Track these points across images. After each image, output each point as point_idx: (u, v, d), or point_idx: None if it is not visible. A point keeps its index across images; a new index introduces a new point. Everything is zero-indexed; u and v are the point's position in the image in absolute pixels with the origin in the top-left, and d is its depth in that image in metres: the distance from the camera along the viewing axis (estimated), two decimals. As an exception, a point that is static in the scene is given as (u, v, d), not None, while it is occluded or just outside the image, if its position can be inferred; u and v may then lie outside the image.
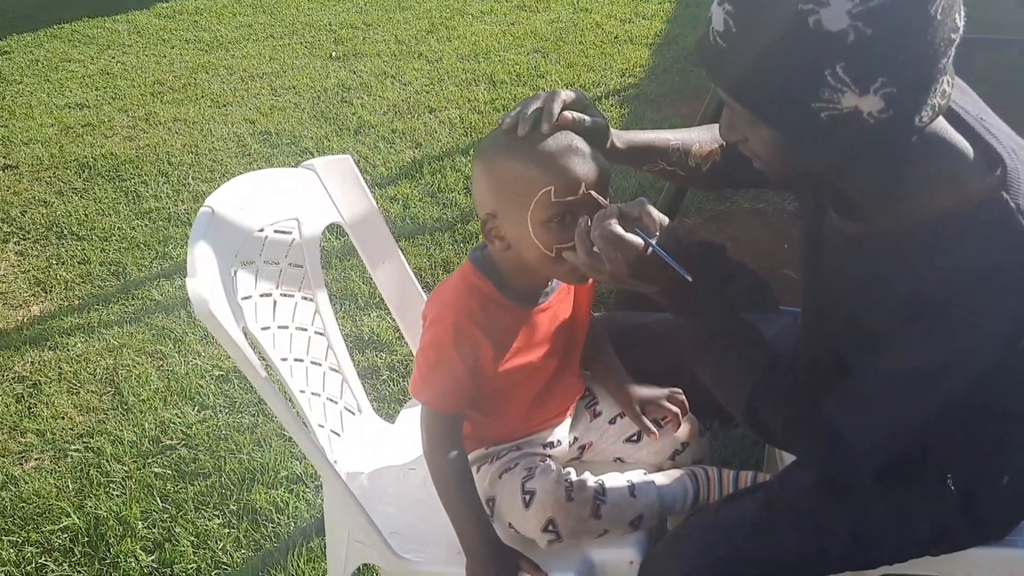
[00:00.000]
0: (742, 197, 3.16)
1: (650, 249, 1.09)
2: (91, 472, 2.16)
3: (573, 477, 1.30)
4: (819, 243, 1.21)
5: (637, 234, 1.09)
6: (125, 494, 2.09)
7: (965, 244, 1.00)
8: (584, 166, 1.15)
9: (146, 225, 3.24)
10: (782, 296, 2.33)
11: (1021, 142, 1.09)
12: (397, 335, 2.46)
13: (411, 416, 1.64)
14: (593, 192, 1.15)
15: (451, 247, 2.95)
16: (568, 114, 1.18)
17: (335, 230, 1.59)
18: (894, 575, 1.30)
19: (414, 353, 1.37)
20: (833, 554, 1.24)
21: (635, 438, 1.42)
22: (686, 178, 1.40)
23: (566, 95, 1.19)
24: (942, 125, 1.04)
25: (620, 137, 1.30)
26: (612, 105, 4.03)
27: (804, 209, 1.28)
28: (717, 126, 1.13)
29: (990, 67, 3.75)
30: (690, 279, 1.09)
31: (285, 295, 1.47)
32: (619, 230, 1.08)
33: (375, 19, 5.33)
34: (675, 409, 1.40)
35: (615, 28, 4.99)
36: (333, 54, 4.81)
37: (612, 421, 1.44)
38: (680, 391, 1.43)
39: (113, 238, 3.17)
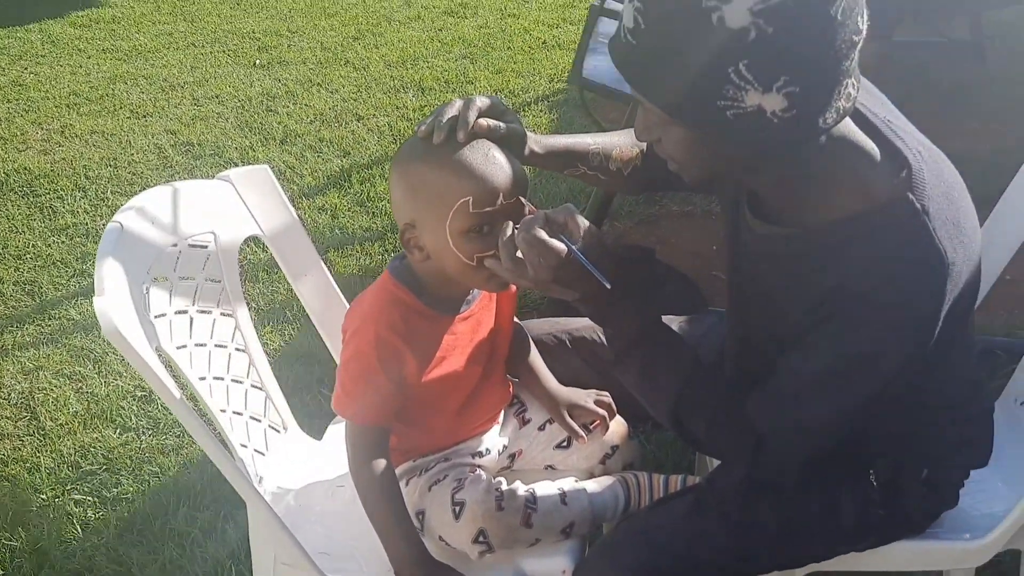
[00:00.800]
0: (671, 200, 3.18)
1: (572, 255, 1.09)
2: (6, 502, 2.06)
3: (503, 486, 1.28)
4: (738, 244, 1.23)
5: (561, 240, 1.09)
6: (43, 523, 2.00)
7: (873, 246, 1.02)
8: (501, 175, 1.14)
9: (62, 242, 3.13)
10: (711, 297, 2.35)
11: (927, 143, 1.11)
12: (326, 350, 2.41)
13: (339, 432, 1.60)
14: (523, 198, 1.15)
15: (381, 257, 2.91)
16: (484, 121, 1.16)
17: (261, 243, 1.55)
18: (820, 571, 1.32)
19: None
20: (761, 552, 1.25)
21: (565, 444, 1.42)
22: (608, 182, 1.40)
23: (481, 102, 1.18)
24: (849, 127, 1.06)
25: (539, 142, 1.29)
26: (541, 110, 4.03)
27: (724, 210, 1.29)
28: None
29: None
30: (608, 286, 1.09)
31: (202, 311, 1.43)
32: (544, 235, 1.08)
33: (300, 26, 5.25)
34: (602, 412, 1.40)
35: (543, 33, 5.00)
36: (257, 62, 4.72)
37: (541, 428, 1.43)
38: (607, 394, 1.42)
39: (27, 256, 3.05)
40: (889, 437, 1.20)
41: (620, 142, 1.38)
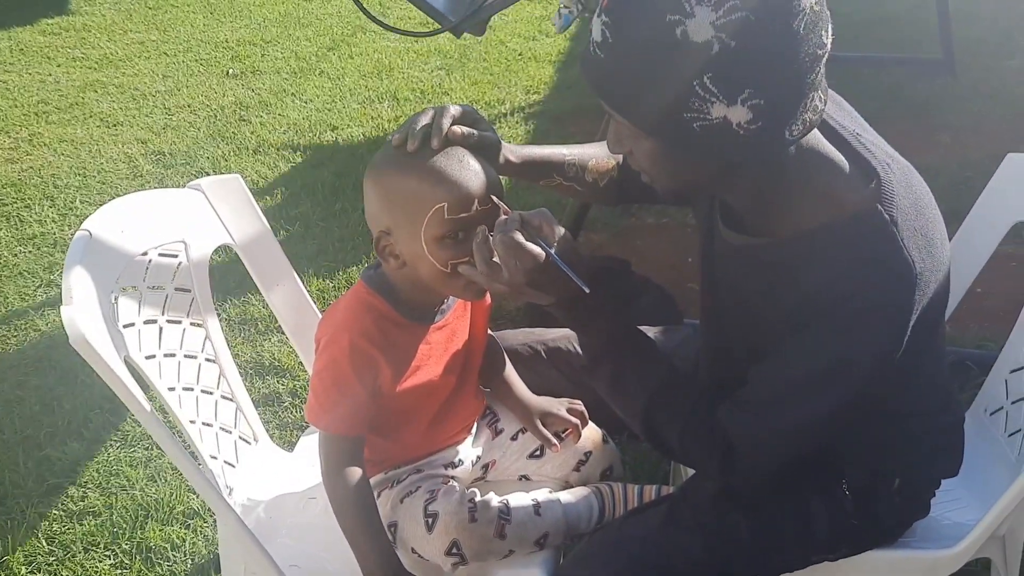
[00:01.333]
0: (647, 212, 3.20)
1: (549, 259, 1.09)
2: (-32, 517, 2.01)
3: (477, 497, 1.27)
4: (712, 255, 1.23)
5: (537, 243, 1.09)
6: (6, 538, 1.95)
7: (843, 256, 1.03)
8: (476, 181, 1.14)
9: (29, 252, 3.08)
10: (686, 309, 2.35)
11: (896, 155, 1.13)
12: (299, 360, 2.39)
13: (311, 443, 1.59)
14: (495, 198, 1.15)
15: (355, 268, 2.89)
16: (457, 128, 1.16)
17: (234, 253, 1.53)
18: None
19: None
20: (735, 562, 1.25)
21: (538, 453, 1.41)
22: (584, 193, 1.40)
23: (455, 110, 1.18)
24: (818, 139, 1.07)
25: (515, 151, 1.29)
26: (517, 122, 4.04)
27: (699, 222, 1.29)
28: None
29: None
30: (587, 290, 1.09)
31: (172, 321, 1.41)
32: (520, 238, 1.09)
33: (274, 36, 5.22)
34: (575, 420, 1.39)
35: (519, 46, 5.02)
36: (230, 72, 4.69)
37: (514, 437, 1.42)
38: (579, 402, 1.42)
39: (-7, 266, 3.00)
40: (862, 446, 1.21)
41: (596, 153, 1.39)
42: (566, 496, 1.35)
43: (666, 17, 0.93)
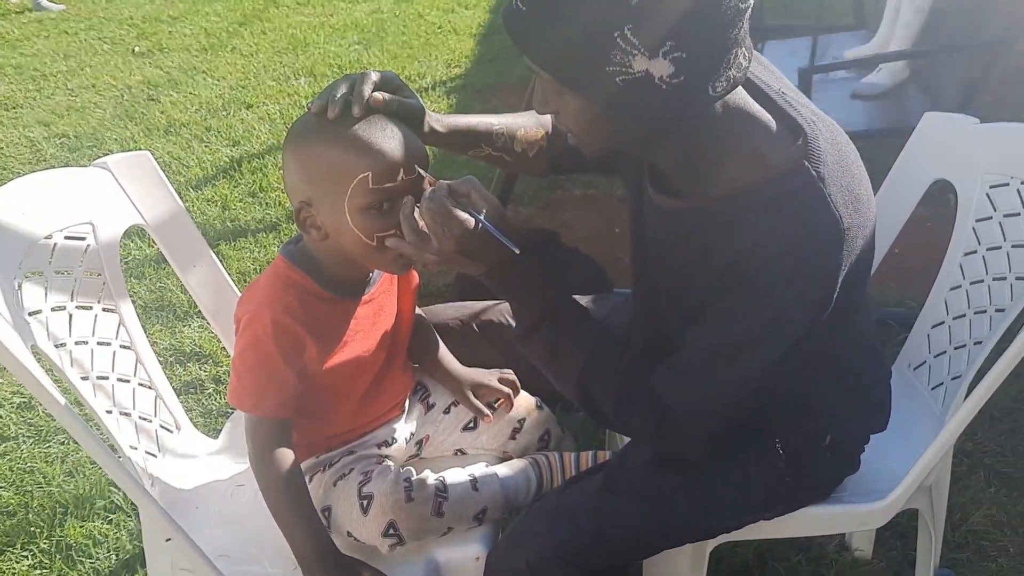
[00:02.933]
0: (574, 184, 3.20)
1: (479, 226, 1.06)
2: None
3: (413, 476, 1.25)
4: (642, 221, 1.22)
5: (466, 210, 1.06)
6: (-88, 545, 1.85)
7: (771, 214, 1.03)
8: (401, 150, 1.11)
9: (-75, 242, 2.90)
10: (615, 280, 2.36)
11: (820, 113, 1.13)
12: (221, 346, 2.32)
13: (236, 430, 1.53)
14: (420, 169, 1.11)
15: (275, 249, 2.82)
16: (379, 95, 1.12)
17: (147, 236, 1.47)
18: (729, 541, 1.33)
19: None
20: (672, 525, 1.25)
21: (472, 425, 1.39)
22: (512, 164, 1.38)
23: (375, 76, 1.14)
24: (743, 97, 1.06)
25: (440, 120, 1.25)
26: (439, 96, 3.99)
27: (628, 189, 1.28)
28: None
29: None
30: (518, 252, 1.07)
31: (82, 307, 1.33)
32: (449, 205, 1.06)
33: (181, 11, 5.03)
34: (506, 390, 1.38)
35: (438, 18, 4.95)
36: (136, 49, 4.50)
37: (446, 411, 1.40)
38: (510, 371, 1.40)
39: None
40: (794, 405, 1.22)
41: (525, 123, 1.36)
42: (503, 469, 1.33)
43: None
